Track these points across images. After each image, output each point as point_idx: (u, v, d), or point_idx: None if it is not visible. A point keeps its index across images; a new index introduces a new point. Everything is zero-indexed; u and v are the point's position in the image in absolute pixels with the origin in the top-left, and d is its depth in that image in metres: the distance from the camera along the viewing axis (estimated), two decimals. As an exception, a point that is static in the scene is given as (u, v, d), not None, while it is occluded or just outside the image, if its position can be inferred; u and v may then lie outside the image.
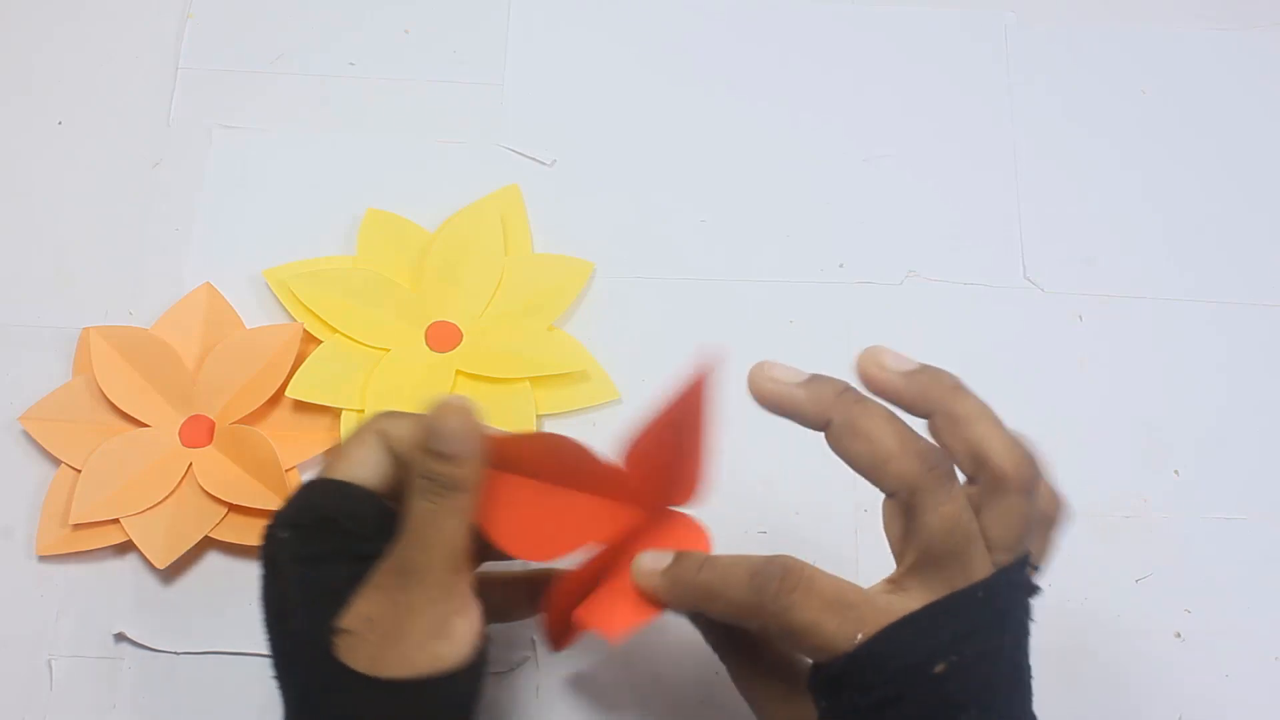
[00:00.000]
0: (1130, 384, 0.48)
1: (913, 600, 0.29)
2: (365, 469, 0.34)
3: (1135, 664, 0.44)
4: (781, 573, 0.30)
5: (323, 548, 0.33)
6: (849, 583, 0.30)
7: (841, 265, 0.50)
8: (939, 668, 0.28)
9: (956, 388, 0.31)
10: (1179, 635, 0.44)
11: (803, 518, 0.45)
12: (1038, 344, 0.48)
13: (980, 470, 0.30)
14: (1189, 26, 0.55)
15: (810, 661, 0.31)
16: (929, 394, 0.31)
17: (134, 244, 0.49)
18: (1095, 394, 0.48)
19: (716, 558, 0.32)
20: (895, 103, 0.52)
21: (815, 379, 0.31)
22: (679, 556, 0.33)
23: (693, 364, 0.30)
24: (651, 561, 0.33)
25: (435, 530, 0.32)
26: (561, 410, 0.46)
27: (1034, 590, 0.32)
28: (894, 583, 0.30)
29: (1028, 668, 0.31)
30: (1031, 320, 0.49)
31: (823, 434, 0.31)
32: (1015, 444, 0.31)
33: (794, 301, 0.49)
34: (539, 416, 0.46)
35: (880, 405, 0.31)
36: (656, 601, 0.33)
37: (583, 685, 0.42)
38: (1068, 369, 0.48)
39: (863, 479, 0.31)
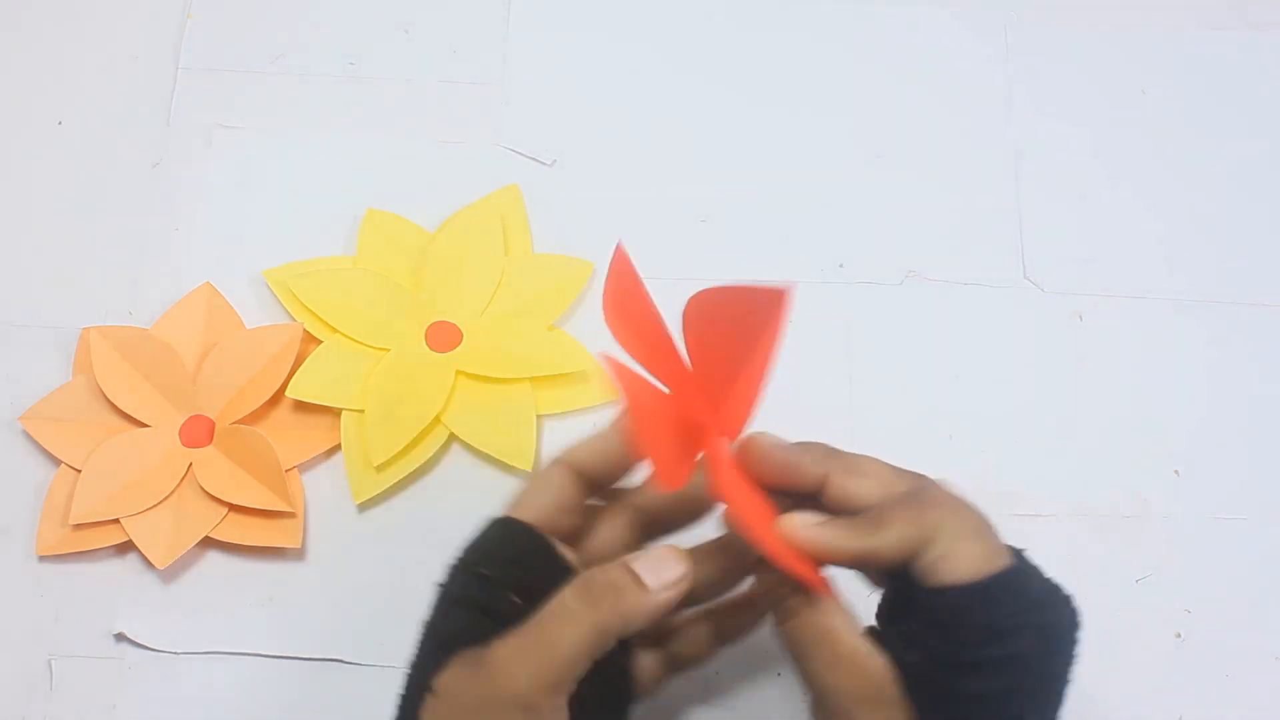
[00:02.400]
0: (1130, 384, 0.48)
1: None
2: (538, 500, 0.33)
3: (1135, 664, 0.44)
4: (936, 487, 0.31)
5: (460, 593, 0.32)
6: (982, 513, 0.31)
7: (841, 265, 0.50)
8: (1049, 610, 0.30)
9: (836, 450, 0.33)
10: (1179, 635, 0.44)
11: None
12: (1038, 344, 0.48)
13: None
14: (1189, 27, 0.55)
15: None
16: (826, 459, 0.32)
17: (134, 244, 0.49)
18: (1095, 394, 0.48)
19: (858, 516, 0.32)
20: (895, 103, 0.52)
21: (805, 444, 0.33)
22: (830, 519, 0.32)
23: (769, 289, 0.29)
24: (803, 520, 0.31)
25: (552, 638, 0.29)
26: (561, 410, 0.46)
27: None
28: None
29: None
30: (1031, 320, 0.49)
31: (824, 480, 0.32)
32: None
33: (794, 301, 0.49)
34: (539, 416, 0.46)
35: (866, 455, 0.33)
36: (818, 554, 0.31)
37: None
38: (1068, 369, 0.48)
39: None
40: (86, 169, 0.50)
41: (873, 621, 0.33)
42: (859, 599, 0.33)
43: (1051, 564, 0.45)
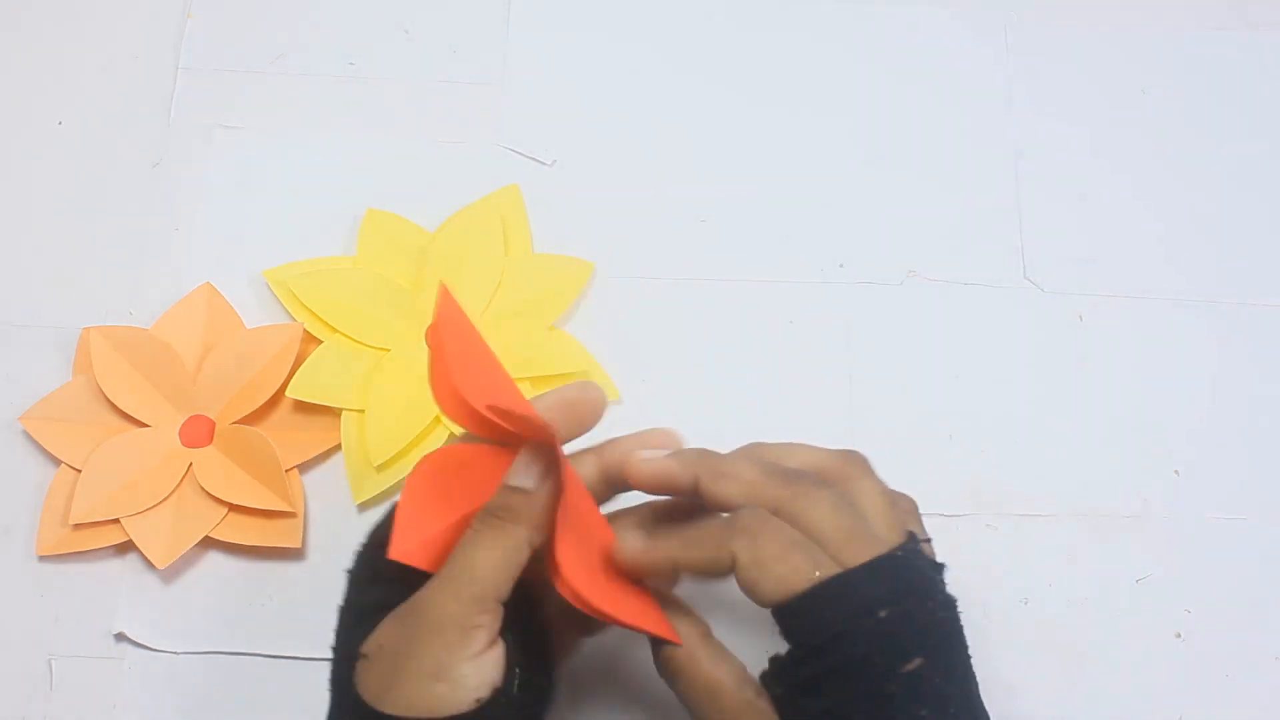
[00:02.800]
0: (1130, 384, 0.48)
1: (850, 563, 0.31)
2: None
3: (1135, 664, 0.44)
4: (755, 512, 0.32)
5: (376, 569, 0.33)
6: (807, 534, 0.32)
7: (841, 265, 0.50)
8: (883, 612, 0.30)
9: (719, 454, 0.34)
10: (1179, 635, 0.44)
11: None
12: (1038, 344, 0.48)
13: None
14: (1189, 26, 0.55)
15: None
16: (695, 464, 0.33)
17: (134, 244, 0.49)
18: (1095, 394, 0.48)
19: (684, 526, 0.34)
20: (895, 103, 0.52)
21: (680, 452, 0.34)
22: (652, 534, 0.34)
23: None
24: (631, 541, 0.33)
25: (467, 560, 0.31)
26: (561, 410, 0.46)
27: (940, 566, 0.33)
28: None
29: (963, 637, 0.32)
30: (1031, 320, 0.49)
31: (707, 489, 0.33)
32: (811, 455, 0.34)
33: (794, 301, 0.49)
34: (539, 416, 0.46)
35: (738, 451, 0.34)
36: (639, 570, 0.33)
37: (587, 684, 0.42)
38: (1068, 369, 0.48)
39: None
40: (86, 169, 0.50)
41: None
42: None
43: (1052, 564, 0.45)
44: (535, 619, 0.35)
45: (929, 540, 0.34)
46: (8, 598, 0.43)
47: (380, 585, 0.33)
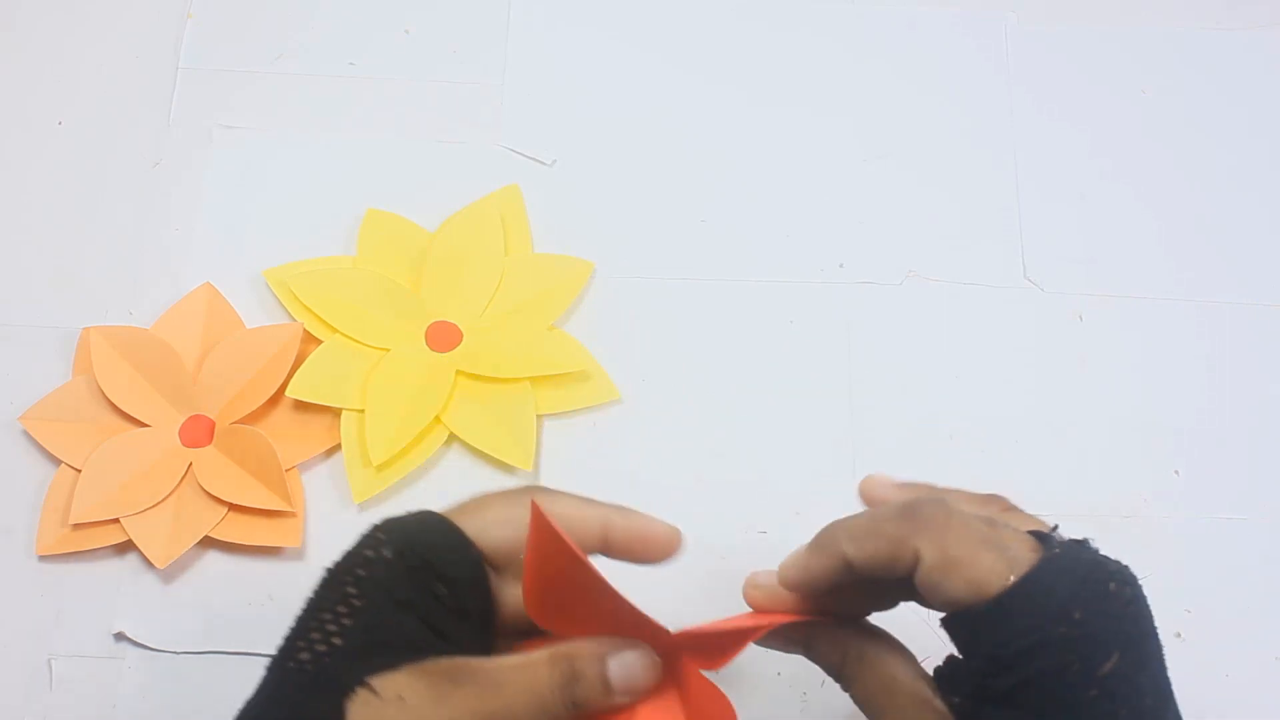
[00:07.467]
0: (1130, 384, 0.48)
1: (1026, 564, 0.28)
2: (498, 532, 0.31)
3: (1135, 664, 0.44)
4: (938, 503, 0.29)
5: (407, 596, 0.30)
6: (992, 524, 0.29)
7: (841, 265, 0.50)
8: (1077, 613, 0.27)
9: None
10: (1179, 635, 0.44)
11: (803, 518, 0.45)
12: (1038, 344, 0.48)
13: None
14: (1189, 26, 0.55)
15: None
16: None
17: (134, 244, 0.49)
18: (1095, 394, 0.48)
19: (850, 517, 0.31)
20: (895, 103, 0.52)
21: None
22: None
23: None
24: (790, 559, 0.31)
25: (514, 701, 0.28)
26: (561, 410, 0.46)
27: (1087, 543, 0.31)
28: None
29: (1148, 610, 0.30)
30: (1031, 320, 0.49)
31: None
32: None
33: (794, 301, 0.49)
34: (539, 416, 0.46)
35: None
36: (808, 582, 0.30)
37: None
38: (1068, 369, 0.48)
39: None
40: (86, 169, 0.50)
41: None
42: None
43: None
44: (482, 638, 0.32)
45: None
46: (8, 598, 0.43)
47: (414, 619, 0.30)
